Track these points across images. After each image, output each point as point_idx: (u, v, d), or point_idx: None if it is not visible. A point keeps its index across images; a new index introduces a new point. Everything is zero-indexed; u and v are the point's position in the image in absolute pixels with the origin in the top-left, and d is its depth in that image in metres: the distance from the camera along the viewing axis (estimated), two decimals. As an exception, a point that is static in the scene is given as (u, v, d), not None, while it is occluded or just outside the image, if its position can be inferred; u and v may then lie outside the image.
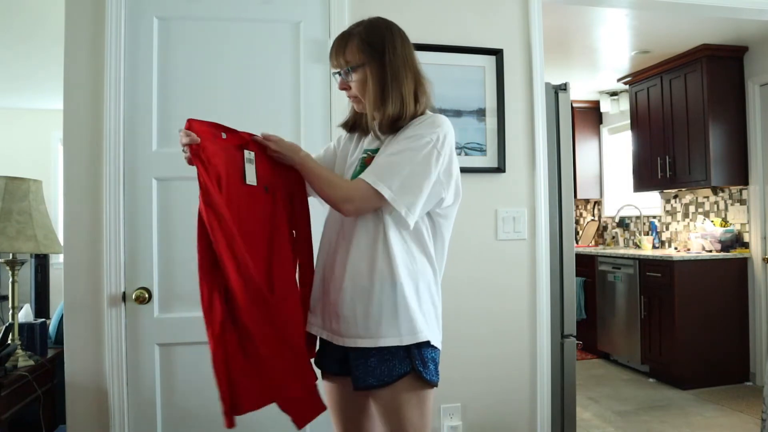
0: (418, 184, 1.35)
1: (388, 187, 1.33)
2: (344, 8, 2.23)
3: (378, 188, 1.33)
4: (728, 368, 4.17)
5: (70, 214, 2.05)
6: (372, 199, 1.35)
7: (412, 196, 1.35)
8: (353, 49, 1.43)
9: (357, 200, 1.36)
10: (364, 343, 1.37)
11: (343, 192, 1.38)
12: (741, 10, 2.83)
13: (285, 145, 1.45)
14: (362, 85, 1.43)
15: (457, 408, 2.33)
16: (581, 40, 4.15)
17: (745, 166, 4.25)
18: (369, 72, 1.42)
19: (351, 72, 1.44)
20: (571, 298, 2.60)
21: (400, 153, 1.36)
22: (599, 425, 3.45)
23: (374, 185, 1.33)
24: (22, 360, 2.17)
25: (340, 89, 1.49)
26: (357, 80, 1.44)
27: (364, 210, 1.38)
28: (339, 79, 1.48)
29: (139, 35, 2.09)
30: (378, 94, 1.42)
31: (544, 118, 2.45)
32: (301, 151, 1.46)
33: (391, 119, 1.41)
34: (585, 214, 6.36)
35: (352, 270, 1.39)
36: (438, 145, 1.37)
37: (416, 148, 1.36)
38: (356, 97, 1.47)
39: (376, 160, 1.40)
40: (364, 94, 1.44)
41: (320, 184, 1.41)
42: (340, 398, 1.53)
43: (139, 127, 2.08)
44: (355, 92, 1.46)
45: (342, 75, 1.46)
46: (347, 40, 1.44)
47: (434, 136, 1.38)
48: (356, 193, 1.36)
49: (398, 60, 1.43)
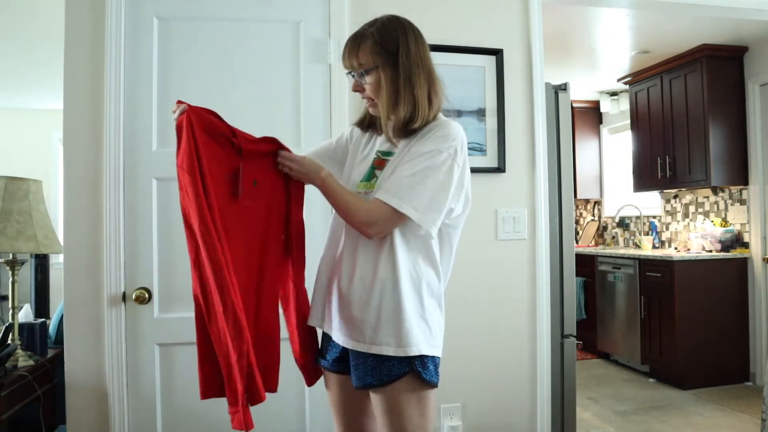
0: (443, 200, 1.36)
1: (414, 209, 1.33)
2: (344, 8, 2.23)
3: (404, 211, 1.32)
4: (728, 368, 4.17)
5: (70, 214, 2.05)
6: (396, 221, 1.35)
7: (437, 213, 1.35)
8: (366, 51, 1.41)
9: (381, 223, 1.35)
10: (359, 347, 1.38)
11: (365, 216, 1.35)
12: (741, 10, 2.83)
13: (307, 164, 1.43)
14: (376, 88, 1.42)
15: (457, 408, 2.33)
16: (581, 40, 4.15)
17: (745, 166, 4.25)
18: (382, 75, 1.40)
19: (365, 75, 1.42)
20: (571, 298, 2.60)
21: (420, 173, 1.35)
22: (599, 425, 3.45)
23: (399, 208, 1.33)
24: (22, 360, 2.17)
25: (354, 91, 1.47)
26: (371, 83, 1.42)
27: (387, 231, 1.37)
28: (353, 80, 1.46)
29: (139, 35, 2.09)
30: (392, 97, 1.40)
31: (544, 118, 2.45)
32: (323, 170, 1.42)
33: (404, 122, 1.40)
34: (585, 214, 6.36)
35: (355, 275, 1.39)
36: (457, 158, 1.37)
37: (435, 166, 1.35)
38: (371, 99, 1.45)
39: (392, 178, 1.37)
40: (378, 97, 1.43)
41: (341, 207, 1.39)
42: (341, 395, 1.54)
43: (139, 127, 2.08)
44: (369, 94, 1.44)
45: (355, 77, 1.45)
46: (360, 41, 1.42)
47: (451, 150, 1.37)
48: (379, 216, 1.34)
49: (412, 62, 1.40)
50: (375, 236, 1.37)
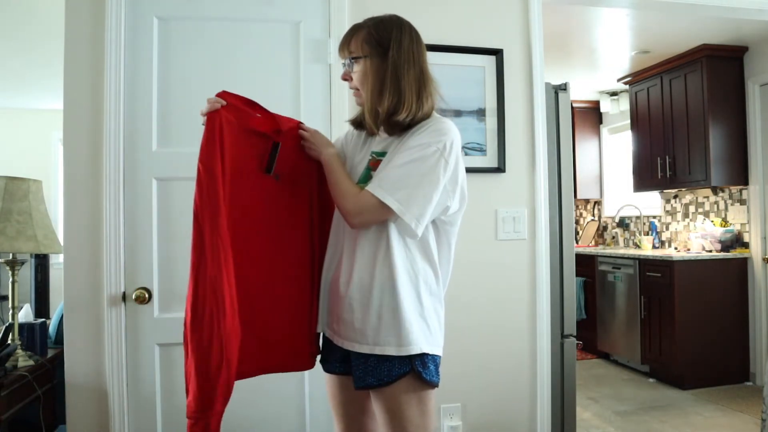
0: (426, 195, 1.35)
1: (396, 200, 1.33)
2: (344, 8, 2.23)
3: (386, 201, 1.33)
4: (728, 368, 4.17)
5: (70, 214, 2.05)
6: (380, 212, 1.35)
7: (420, 208, 1.34)
8: (359, 40, 1.44)
9: (365, 214, 1.36)
10: (362, 348, 1.38)
11: (352, 204, 1.37)
12: (741, 10, 2.83)
13: (318, 138, 1.51)
14: (362, 77, 1.44)
15: (457, 408, 2.33)
16: (581, 40, 4.15)
17: (745, 166, 4.25)
18: (369, 64, 1.43)
19: (353, 63, 1.45)
20: (571, 298, 2.60)
21: (406, 164, 1.36)
22: (599, 425, 3.45)
23: (383, 199, 1.33)
24: (22, 360, 2.17)
25: (342, 79, 1.50)
26: (357, 71, 1.45)
27: (371, 223, 1.38)
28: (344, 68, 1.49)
29: (139, 35, 2.09)
30: (376, 87, 1.42)
31: (544, 118, 2.45)
32: (330, 147, 1.49)
33: (388, 113, 1.40)
34: (585, 214, 6.36)
35: (354, 276, 1.40)
36: (445, 153, 1.36)
37: (422, 158, 1.35)
38: (357, 90, 1.48)
39: (382, 171, 1.39)
40: (363, 86, 1.45)
41: (335, 190, 1.42)
42: (342, 396, 1.54)
43: (139, 127, 2.08)
44: (355, 84, 1.47)
45: (346, 65, 1.47)
46: (356, 31, 1.46)
47: (440, 144, 1.36)
48: (364, 206, 1.36)
49: (402, 56, 1.41)
50: (358, 226, 1.38)
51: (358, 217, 1.37)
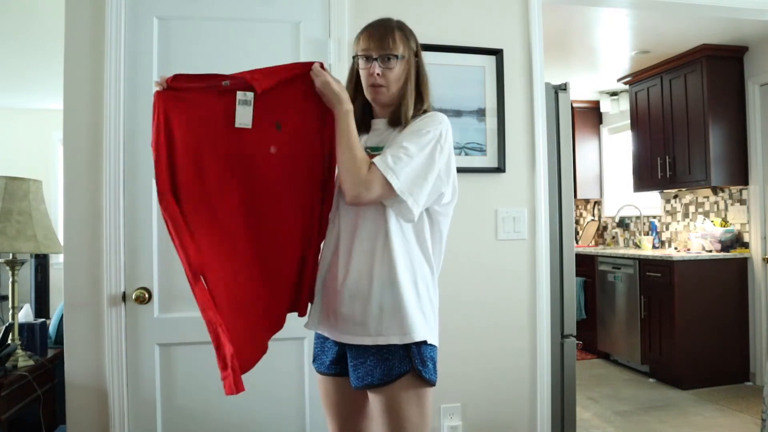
0: (423, 176, 1.37)
1: (396, 177, 1.33)
2: (344, 8, 2.23)
3: (387, 177, 1.33)
4: (728, 368, 4.17)
5: (70, 214, 2.05)
6: (382, 191, 1.34)
7: (417, 188, 1.36)
8: (398, 39, 1.44)
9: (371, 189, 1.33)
10: (364, 341, 1.38)
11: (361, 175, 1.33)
12: (741, 10, 2.83)
13: (330, 89, 1.40)
14: (399, 76, 1.45)
15: (457, 408, 2.33)
16: (581, 40, 4.15)
17: (745, 166, 4.25)
18: (407, 65, 1.46)
19: (390, 60, 1.43)
20: (571, 298, 2.60)
21: (406, 147, 1.37)
22: (599, 425, 3.45)
23: (384, 173, 1.33)
24: (22, 360, 2.17)
25: (368, 74, 1.44)
26: (395, 69, 1.44)
27: (368, 200, 1.35)
28: (371, 63, 1.43)
29: (139, 35, 2.09)
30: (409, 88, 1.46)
31: (544, 118, 2.45)
32: (345, 103, 1.39)
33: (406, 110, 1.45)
34: (585, 214, 6.36)
35: (352, 269, 1.40)
36: (441, 140, 1.41)
37: (422, 142, 1.38)
38: (380, 86, 1.44)
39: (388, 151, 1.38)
40: (395, 84, 1.45)
41: (344, 155, 1.37)
42: (337, 397, 1.53)
43: (139, 127, 2.08)
44: (387, 81, 1.43)
45: (377, 60, 1.42)
46: (391, 29, 1.45)
47: (437, 132, 1.40)
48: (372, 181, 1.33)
49: (421, 61, 1.51)
50: (354, 200, 1.35)
51: (363, 189, 1.33)
